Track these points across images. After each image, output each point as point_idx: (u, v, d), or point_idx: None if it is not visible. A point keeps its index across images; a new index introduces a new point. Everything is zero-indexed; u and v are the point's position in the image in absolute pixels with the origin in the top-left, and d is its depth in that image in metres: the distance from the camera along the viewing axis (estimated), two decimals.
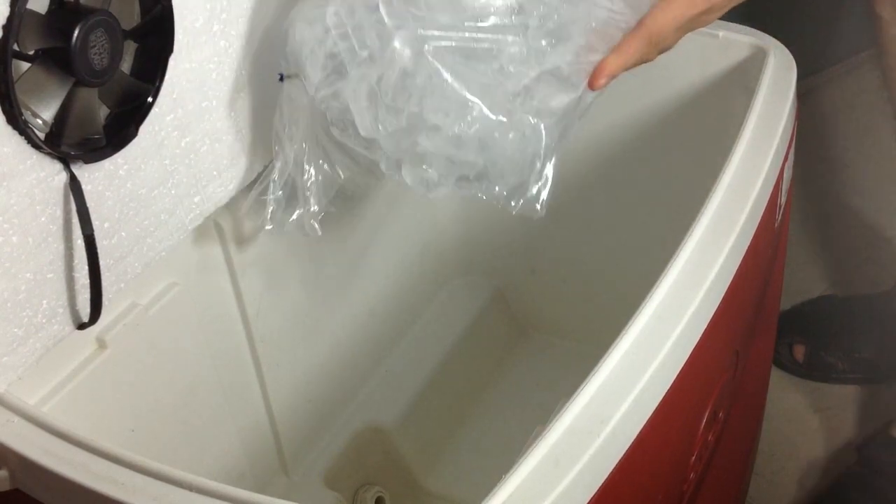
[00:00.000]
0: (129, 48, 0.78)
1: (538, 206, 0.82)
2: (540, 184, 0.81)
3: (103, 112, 0.77)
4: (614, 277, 1.23)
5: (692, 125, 1.08)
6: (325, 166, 0.88)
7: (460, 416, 1.26)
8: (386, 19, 0.78)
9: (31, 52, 0.69)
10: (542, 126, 0.80)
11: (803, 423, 1.46)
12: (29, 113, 0.70)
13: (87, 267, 0.77)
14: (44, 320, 0.77)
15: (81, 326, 0.80)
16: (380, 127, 0.80)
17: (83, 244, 0.76)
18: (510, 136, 0.79)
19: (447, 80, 0.78)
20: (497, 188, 0.82)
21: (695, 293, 0.73)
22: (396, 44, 0.78)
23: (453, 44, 0.78)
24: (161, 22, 0.78)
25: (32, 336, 0.76)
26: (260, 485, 1.08)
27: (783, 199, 0.92)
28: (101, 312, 0.80)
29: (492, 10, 0.78)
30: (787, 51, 0.97)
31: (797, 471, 1.40)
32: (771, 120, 0.88)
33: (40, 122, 0.71)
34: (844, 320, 1.51)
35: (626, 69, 0.79)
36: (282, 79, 0.86)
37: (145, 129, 0.80)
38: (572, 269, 1.28)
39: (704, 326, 0.74)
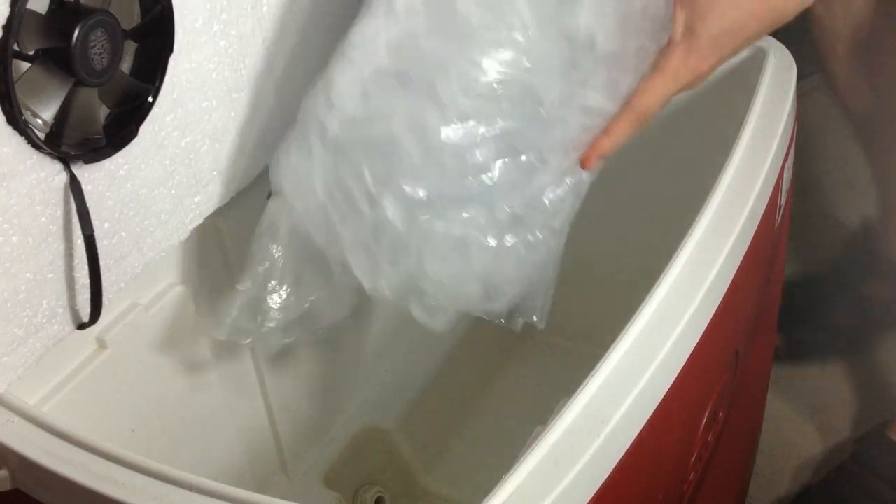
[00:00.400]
0: (129, 48, 0.78)
1: (535, 318, 0.84)
2: (545, 294, 0.83)
3: (103, 112, 0.77)
4: (614, 278, 1.22)
5: (692, 125, 1.08)
6: (294, 290, 0.87)
7: (460, 416, 1.26)
8: (370, 184, 0.79)
9: (31, 52, 0.69)
10: (541, 242, 0.81)
11: (803, 423, 1.46)
12: (29, 113, 0.70)
13: (87, 267, 0.77)
14: (44, 320, 0.77)
15: (81, 326, 0.80)
16: (383, 281, 0.81)
17: (83, 244, 0.76)
18: (508, 261, 0.80)
19: (440, 233, 0.78)
20: (500, 306, 0.83)
21: (695, 293, 0.73)
22: (386, 208, 0.78)
23: (441, 197, 0.79)
24: (161, 22, 0.78)
25: (32, 336, 0.76)
26: (260, 485, 1.08)
27: (783, 199, 0.92)
28: (101, 312, 0.80)
29: (476, 158, 0.78)
30: (786, 51, 0.96)
31: (797, 471, 1.40)
32: (771, 120, 0.87)
33: (40, 122, 0.71)
34: (814, 295, 1.52)
35: (619, 147, 0.79)
36: (269, 196, 0.85)
37: (145, 129, 0.80)
38: (572, 269, 1.27)
39: (704, 326, 0.74)
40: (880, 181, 1.52)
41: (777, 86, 0.90)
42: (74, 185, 0.74)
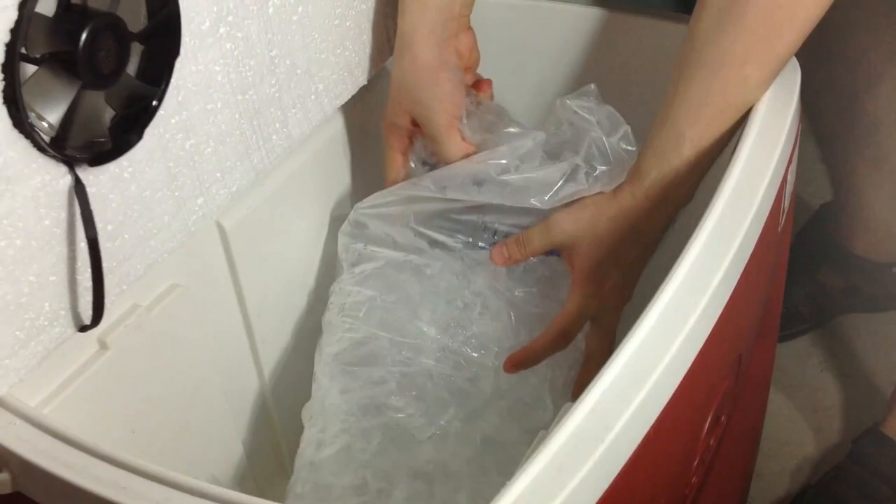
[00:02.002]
0: (136, 50, 0.77)
1: None
2: None
3: (108, 115, 0.77)
4: None
5: None
6: None
7: None
8: None
9: (38, 56, 0.69)
10: None
11: (803, 423, 1.46)
12: (35, 116, 0.70)
13: (89, 269, 0.77)
14: (45, 323, 0.77)
15: (83, 328, 0.80)
16: None
17: (86, 247, 0.76)
18: None
19: None
20: None
21: (699, 298, 0.73)
22: None
23: None
24: (168, 24, 0.78)
25: (34, 339, 0.76)
26: (261, 487, 1.08)
27: (787, 203, 0.92)
28: (103, 314, 0.80)
29: None
30: None
31: (797, 471, 1.41)
32: (775, 122, 0.87)
33: (46, 125, 0.71)
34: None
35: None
36: None
37: (150, 131, 0.80)
38: None
39: (708, 332, 0.74)
40: (834, 171, 1.53)
41: (780, 87, 0.90)
42: (79, 188, 0.74)
